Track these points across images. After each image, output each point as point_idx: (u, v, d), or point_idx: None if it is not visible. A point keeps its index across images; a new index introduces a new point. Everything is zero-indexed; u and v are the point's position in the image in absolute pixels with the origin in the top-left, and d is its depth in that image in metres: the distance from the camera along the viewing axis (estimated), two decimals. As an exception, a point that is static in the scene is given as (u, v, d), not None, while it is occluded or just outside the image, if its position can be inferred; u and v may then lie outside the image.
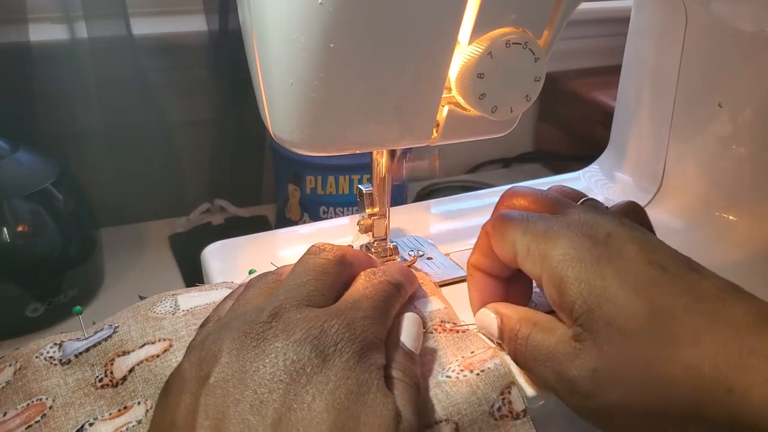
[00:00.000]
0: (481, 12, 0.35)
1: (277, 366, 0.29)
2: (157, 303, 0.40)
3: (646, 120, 0.57)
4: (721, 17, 0.50)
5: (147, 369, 0.36)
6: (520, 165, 0.97)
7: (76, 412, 0.35)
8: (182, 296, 0.41)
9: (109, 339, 0.38)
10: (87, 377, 0.37)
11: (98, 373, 0.37)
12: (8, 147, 0.59)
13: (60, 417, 0.35)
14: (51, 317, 0.58)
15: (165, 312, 0.40)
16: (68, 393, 0.36)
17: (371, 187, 0.44)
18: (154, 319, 0.39)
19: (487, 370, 0.36)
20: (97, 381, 0.36)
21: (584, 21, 0.92)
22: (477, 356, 0.37)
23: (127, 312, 0.40)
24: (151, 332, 0.38)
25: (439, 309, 0.41)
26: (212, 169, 0.81)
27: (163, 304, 0.40)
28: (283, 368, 0.29)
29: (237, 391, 0.28)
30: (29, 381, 0.36)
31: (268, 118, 0.38)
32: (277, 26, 0.34)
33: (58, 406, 0.35)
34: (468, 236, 0.52)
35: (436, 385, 0.35)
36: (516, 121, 0.41)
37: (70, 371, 0.37)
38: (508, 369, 0.36)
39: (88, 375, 0.37)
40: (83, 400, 0.36)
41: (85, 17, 0.68)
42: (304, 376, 0.29)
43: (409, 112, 0.37)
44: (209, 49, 0.74)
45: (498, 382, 0.35)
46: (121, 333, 0.38)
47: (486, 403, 0.35)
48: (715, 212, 0.53)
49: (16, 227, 0.56)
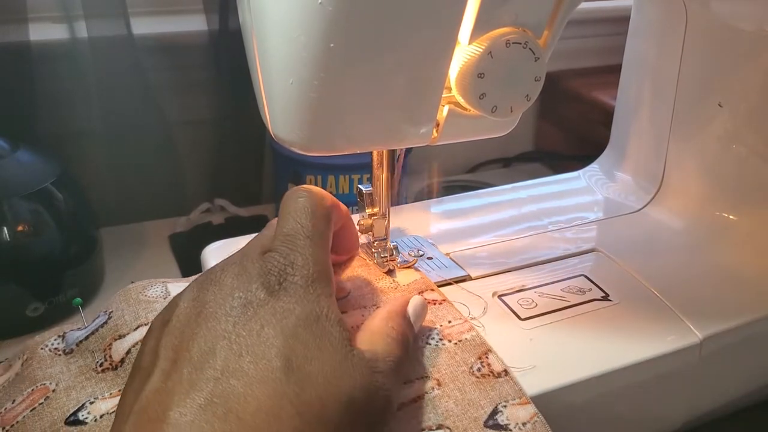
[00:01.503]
0: (481, 12, 0.35)
1: (229, 303, 0.30)
2: (148, 287, 0.42)
3: (646, 120, 0.57)
4: (721, 17, 0.50)
5: None
6: (520, 164, 0.97)
7: (78, 394, 0.37)
8: (171, 284, 0.43)
9: (105, 325, 0.40)
10: (88, 363, 0.38)
11: (98, 358, 0.38)
12: (8, 147, 0.59)
13: (62, 398, 0.36)
14: (51, 317, 0.58)
15: (156, 296, 0.41)
16: (71, 378, 0.37)
17: (371, 187, 0.44)
18: (145, 302, 0.41)
19: (464, 340, 0.38)
20: (98, 366, 0.38)
21: (584, 21, 0.92)
22: (455, 327, 0.39)
23: (118, 297, 0.41)
24: (144, 314, 0.40)
25: (416, 279, 0.43)
26: (212, 169, 0.81)
27: (154, 288, 0.42)
28: (233, 304, 0.30)
29: (191, 328, 0.30)
30: (34, 369, 0.38)
31: (268, 118, 0.38)
32: (277, 26, 0.34)
33: (61, 389, 0.37)
34: (468, 236, 0.52)
35: (415, 349, 0.37)
36: (516, 120, 0.41)
37: (72, 359, 0.39)
38: (483, 340, 0.38)
39: (89, 361, 0.38)
40: (85, 384, 0.37)
41: (85, 17, 0.68)
42: (251, 309, 0.30)
43: (409, 111, 0.37)
44: (209, 49, 0.74)
45: (475, 350, 0.38)
46: (116, 318, 0.40)
47: (465, 364, 0.37)
48: (715, 212, 0.53)
49: (16, 227, 0.56)
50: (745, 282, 0.48)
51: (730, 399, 0.47)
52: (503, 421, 0.35)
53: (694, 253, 0.51)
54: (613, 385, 0.40)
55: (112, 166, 0.75)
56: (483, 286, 0.45)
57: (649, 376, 0.41)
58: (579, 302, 0.44)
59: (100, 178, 0.74)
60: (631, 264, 0.48)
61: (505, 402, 0.35)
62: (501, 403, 0.35)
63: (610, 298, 0.45)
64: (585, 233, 0.53)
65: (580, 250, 0.50)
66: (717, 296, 0.46)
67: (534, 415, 0.35)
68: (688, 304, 0.44)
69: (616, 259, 0.49)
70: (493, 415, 0.35)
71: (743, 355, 0.45)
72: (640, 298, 0.45)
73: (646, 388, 0.41)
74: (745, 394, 0.47)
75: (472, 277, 0.46)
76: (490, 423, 0.34)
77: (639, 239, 0.53)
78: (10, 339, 0.57)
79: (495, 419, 0.35)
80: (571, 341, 0.41)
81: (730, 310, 0.45)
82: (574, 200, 0.59)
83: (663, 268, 0.48)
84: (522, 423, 0.35)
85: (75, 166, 0.66)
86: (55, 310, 0.58)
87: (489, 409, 0.35)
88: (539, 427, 0.34)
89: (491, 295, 0.44)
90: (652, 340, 0.41)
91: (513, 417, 0.35)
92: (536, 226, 0.53)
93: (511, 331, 0.41)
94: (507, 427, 0.34)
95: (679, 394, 0.43)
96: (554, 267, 0.48)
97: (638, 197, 0.57)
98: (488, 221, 0.55)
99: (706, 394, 0.45)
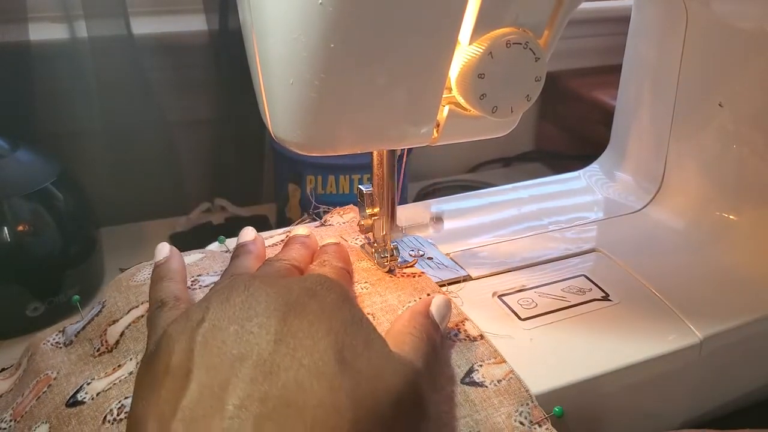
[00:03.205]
0: (482, 12, 0.35)
1: (270, 302, 0.30)
2: (136, 273, 0.44)
3: (647, 119, 0.57)
4: (721, 17, 0.50)
5: (135, 329, 0.40)
6: (520, 164, 0.97)
7: (77, 378, 0.38)
8: None
9: (99, 314, 0.42)
10: (87, 350, 0.41)
11: (95, 344, 0.40)
12: (8, 146, 0.59)
13: (63, 384, 0.38)
14: (51, 317, 0.58)
15: (145, 279, 0.43)
16: (70, 365, 0.40)
17: (371, 187, 0.44)
18: (135, 287, 0.43)
19: None
20: (96, 351, 0.40)
21: (584, 21, 0.92)
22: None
23: (110, 286, 0.44)
24: (134, 298, 0.42)
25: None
26: (212, 168, 0.81)
27: (142, 273, 0.44)
28: (276, 303, 0.30)
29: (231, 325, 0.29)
30: (37, 363, 0.40)
31: (268, 118, 0.38)
32: (277, 26, 0.34)
33: (62, 376, 0.39)
34: (468, 236, 0.52)
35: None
36: (516, 121, 0.41)
37: (72, 349, 0.41)
38: (460, 311, 0.41)
39: (87, 348, 0.40)
40: (83, 368, 0.39)
41: (85, 16, 0.67)
42: (298, 306, 0.30)
43: (410, 112, 0.37)
44: (209, 49, 0.74)
45: (453, 318, 0.40)
46: (109, 305, 0.42)
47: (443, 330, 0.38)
48: (715, 212, 0.53)
49: (16, 227, 0.56)
50: (745, 282, 0.48)
51: (729, 399, 0.47)
52: (479, 379, 0.36)
53: (694, 253, 0.51)
54: (613, 385, 0.40)
55: (112, 166, 0.75)
56: (483, 286, 0.45)
57: (649, 376, 0.41)
58: (579, 302, 0.44)
59: (100, 178, 0.74)
60: (631, 264, 0.48)
61: (481, 362, 0.37)
62: (477, 363, 0.37)
63: (610, 298, 0.45)
64: (585, 233, 0.53)
65: (581, 250, 0.50)
66: (717, 296, 0.46)
67: (509, 373, 0.36)
68: (688, 304, 0.44)
69: (616, 259, 0.49)
70: (469, 374, 0.36)
71: (743, 355, 0.45)
72: (640, 298, 0.45)
73: (646, 387, 0.41)
74: (745, 394, 0.47)
75: (472, 277, 0.46)
76: (466, 380, 0.36)
77: (639, 239, 0.53)
78: (10, 339, 0.57)
79: (471, 377, 0.36)
80: (571, 341, 0.41)
81: (730, 310, 0.45)
82: (575, 200, 0.59)
83: (663, 268, 0.48)
84: (497, 380, 0.36)
85: (75, 166, 0.66)
86: (55, 310, 0.58)
87: (465, 369, 0.37)
88: (514, 384, 0.36)
89: (491, 295, 0.44)
90: (652, 340, 0.41)
91: (488, 375, 0.36)
92: (536, 226, 0.53)
93: (511, 331, 0.41)
94: (482, 384, 0.36)
95: (679, 394, 0.43)
96: (554, 267, 0.48)
97: (638, 197, 0.57)
98: (488, 221, 0.55)
99: (706, 393, 0.45)
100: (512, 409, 0.35)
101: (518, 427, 0.34)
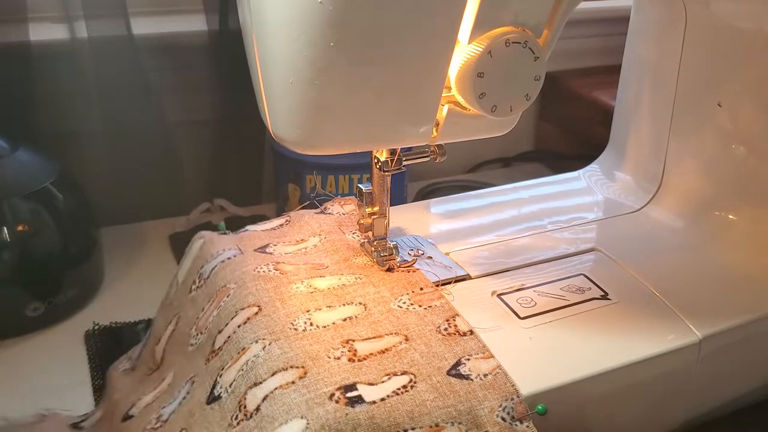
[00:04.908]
0: (481, 11, 0.35)
1: None
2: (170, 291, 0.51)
3: (646, 119, 0.57)
4: (721, 17, 0.50)
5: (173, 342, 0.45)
6: (520, 164, 0.97)
7: (133, 396, 0.45)
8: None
9: (148, 338, 0.49)
10: (144, 372, 0.47)
11: (149, 364, 0.47)
12: (8, 147, 0.59)
13: (122, 403, 0.45)
14: (51, 317, 0.58)
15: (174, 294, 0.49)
16: (132, 386, 0.47)
17: (371, 187, 0.44)
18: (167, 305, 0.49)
19: (434, 306, 0.41)
20: (149, 370, 0.46)
21: (584, 21, 0.92)
22: (426, 295, 0.42)
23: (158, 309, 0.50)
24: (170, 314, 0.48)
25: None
26: (212, 168, 0.81)
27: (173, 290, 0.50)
28: None
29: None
30: (110, 389, 0.48)
31: (268, 118, 0.38)
32: (277, 26, 0.34)
33: (123, 396, 0.46)
34: (468, 236, 0.52)
35: (387, 311, 0.40)
36: (516, 120, 0.41)
37: (135, 373, 0.48)
38: (451, 306, 0.41)
39: (144, 370, 0.47)
40: (137, 387, 0.46)
41: (85, 17, 0.68)
42: None
43: (409, 111, 0.37)
44: (209, 49, 0.74)
45: (444, 314, 0.41)
46: (154, 327, 0.49)
47: (432, 325, 0.40)
48: (715, 212, 0.53)
49: (16, 227, 0.56)
50: (744, 281, 0.48)
51: (729, 398, 0.47)
52: (465, 372, 0.37)
53: (694, 252, 0.51)
54: (612, 384, 0.40)
55: (112, 166, 0.75)
56: (483, 285, 0.45)
57: (649, 376, 0.41)
58: (578, 301, 0.44)
59: (100, 178, 0.74)
60: (630, 263, 0.48)
61: (469, 356, 0.37)
62: (464, 356, 0.37)
63: (609, 298, 0.45)
64: (585, 233, 0.53)
65: (580, 249, 0.50)
66: (716, 296, 0.46)
67: (496, 368, 0.37)
68: (688, 303, 0.44)
69: (615, 259, 0.49)
70: (456, 366, 0.37)
71: (743, 355, 0.45)
72: (639, 298, 0.45)
73: (645, 387, 0.42)
74: (745, 394, 0.47)
75: (471, 277, 0.46)
76: (452, 372, 0.36)
77: (638, 239, 0.53)
78: (10, 339, 0.57)
79: (457, 369, 0.37)
80: (570, 340, 0.41)
81: (729, 310, 0.45)
82: (574, 200, 0.59)
83: (662, 267, 0.48)
84: (483, 374, 0.36)
85: (75, 166, 0.66)
86: (55, 310, 0.58)
87: (452, 361, 0.37)
88: (500, 378, 0.36)
89: (491, 295, 0.44)
90: (652, 339, 0.41)
91: (475, 369, 0.37)
92: (536, 226, 0.53)
93: (510, 329, 0.41)
94: (468, 377, 0.36)
95: (678, 394, 0.44)
96: (554, 266, 0.48)
97: (638, 197, 0.57)
98: (488, 221, 0.55)
99: (706, 393, 0.45)
100: (496, 403, 0.35)
101: (499, 422, 0.35)
